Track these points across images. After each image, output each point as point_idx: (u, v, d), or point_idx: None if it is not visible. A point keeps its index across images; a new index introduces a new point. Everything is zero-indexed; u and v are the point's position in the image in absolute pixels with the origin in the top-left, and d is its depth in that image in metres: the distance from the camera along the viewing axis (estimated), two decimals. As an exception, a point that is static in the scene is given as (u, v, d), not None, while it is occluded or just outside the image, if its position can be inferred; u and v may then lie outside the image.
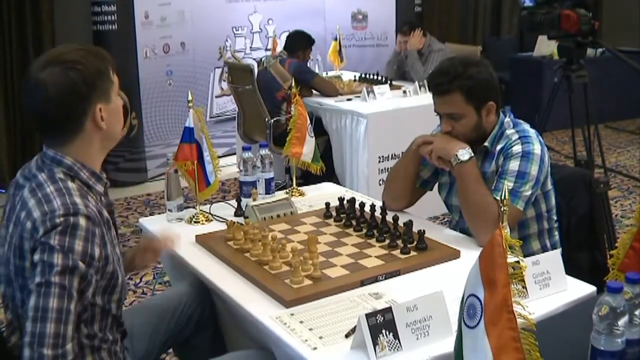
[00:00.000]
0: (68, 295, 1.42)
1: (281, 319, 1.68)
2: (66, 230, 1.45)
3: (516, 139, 2.18)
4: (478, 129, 2.20)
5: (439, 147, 2.20)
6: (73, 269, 1.44)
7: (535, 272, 1.76)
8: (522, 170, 2.12)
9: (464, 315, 1.19)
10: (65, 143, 1.59)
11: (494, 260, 1.15)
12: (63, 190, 1.51)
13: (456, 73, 2.15)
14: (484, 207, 2.06)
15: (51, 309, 1.40)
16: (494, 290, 1.14)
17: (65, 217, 1.46)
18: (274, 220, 2.34)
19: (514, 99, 7.10)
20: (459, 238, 2.20)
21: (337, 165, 4.67)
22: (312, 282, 1.84)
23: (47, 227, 1.45)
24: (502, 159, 2.18)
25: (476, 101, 2.17)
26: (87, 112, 1.58)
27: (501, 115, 2.26)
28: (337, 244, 2.11)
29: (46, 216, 1.46)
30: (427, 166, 2.39)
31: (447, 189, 2.38)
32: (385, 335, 1.49)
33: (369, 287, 1.85)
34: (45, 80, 1.53)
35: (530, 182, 2.11)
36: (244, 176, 2.56)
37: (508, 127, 2.24)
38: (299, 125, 2.65)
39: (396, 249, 2.05)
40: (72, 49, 1.58)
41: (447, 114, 2.20)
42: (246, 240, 2.07)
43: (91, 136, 1.61)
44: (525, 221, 2.25)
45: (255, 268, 1.94)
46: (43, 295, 1.41)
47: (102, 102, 1.60)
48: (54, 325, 1.39)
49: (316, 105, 4.77)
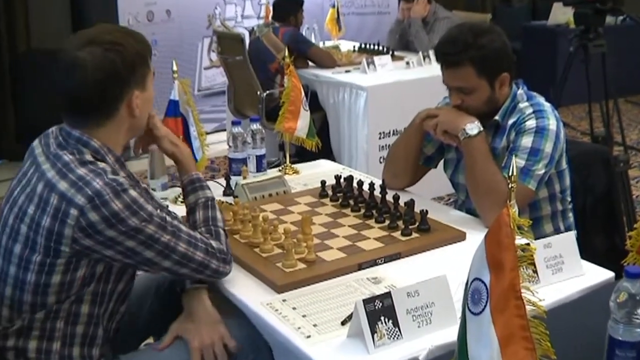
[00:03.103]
0: (175, 227, 1.64)
1: (272, 305, 1.69)
2: (129, 207, 1.54)
3: (530, 113, 2.17)
4: (490, 102, 2.19)
5: (445, 121, 2.19)
6: (160, 216, 1.61)
7: (547, 256, 1.75)
8: (536, 147, 2.10)
9: (468, 301, 1.18)
10: (95, 126, 1.64)
11: (501, 241, 1.13)
12: (98, 170, 1.57)
13: (466, 43, 2.12)
14: (492, 185, 2.05)
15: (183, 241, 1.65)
16: (501, 273, 1.13)
17: (116, 197, 1.53)
18: (266, 200, 2.34)
19: (526, 71, 7.03)
20: (464, 219, 2.20)
21: (334, 141, 4.67)
22: (305, 266, 1.84)
23: (104, 216, 1.52)
24: (514, 134, 2.17)
25: (489, 73, 2.15)
26: (123, 96, 1.64)
27: (514, 87, 2.24)
28: (333, 225, 2.12)
29: (95, 202, 1.52)
30: (431, 142, 2.38)
31: (454, 166, 2.37)
32: (384, 323, 1.49)
33: (367, 271, 1.85)
34: (84, 60, 1.57)
35: (544, 160, 2.10)
36: (233, 152, 2.56)
37: (521, 100, 2.22)
38: (293, 97, 2.65)
39: (396, 230, 2.05)
40: (111, 29, 1.65)
41: (456, 87, 2.18)
42: (235, 221, 2.07)
43: (122, 122, 1.67)
44: (537, 202, 2.24)
45: (245, 251, 1.94)
46: (170, 250, 1.62)
47: (139, 89, 1.66)
48: (196, 251, 1.67)
49: (312, 78, 4.76)
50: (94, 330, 1.67)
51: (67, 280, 1.58)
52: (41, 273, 1.57)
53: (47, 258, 1.56)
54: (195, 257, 1.68)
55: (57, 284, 1.58)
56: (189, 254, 1.67)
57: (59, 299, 1.60)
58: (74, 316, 1.63)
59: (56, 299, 1.60)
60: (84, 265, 1.58)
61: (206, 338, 1.70)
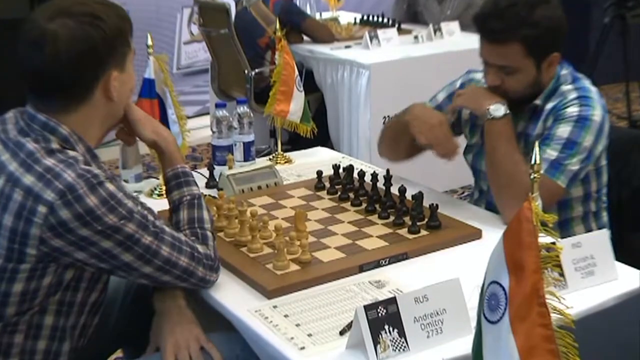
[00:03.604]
0: (158, 228, 1.64)
1: (261, 312, 1.69)
2: (106, 203, 1.54)
3: (573, 98, 2.15)
4: (534, 85, 2.17)
5: (468, 97, 2.21)
6: (141, 214, 1.62)
7: (576, 257, 1.75)
8: (573, 138, 2.09)
9: (485, 308, 1.19)
10: (65, 110, 1.63)
11: (522, 239, 1.14)
12: (69, 160, 1.56)
13: (519, 18, 2.08)
14: (514, 176, 2.05)
15: (167, 244, 1.65)
16: (522, 276, 1.14)
17: (91, 191, 1.53)
18: (254, 193, 2.34)
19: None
20: (480, 214, 2.21)
21: (332, 127, 4.68)
22: (299, 268, 1.85)
23: (78, 213, 1.51)
24: (551, 120, 2.16)
25: (539, 54, 2.12)
26: (99, 77, 1.63)
27: (557, 66, 2.22)
28: (331, 221, 2.12)
29: (66, 197, 1.51)
30: None
31: (477, 150, 2.37)
32: (389, 333, 1.49)
33: (369, 273, 1.86)
34: (55, 33, 1.55)
35: (580, 155, 2.08)
36: (217, 139, 2.57)
37: (565, 82, 2.20)
38: (285, 77, 2.64)
39: (403, 227, 2.06)
40: (88, 0, 1.62)
41: (498, 66, 2.16)
42: (220, 216, 2.07)
43: (97, 107, 1.66)
44: (568, 201, 2.23)
45: (231, 251, 1.94)
46: (152, 254, 1.62)
47: (117, 69, 1.65)
48: (181, 256, 1.68)
49: (307, 54, 4.76)
50: (58, 346, 1.66)
51: (30, 289, 1.57)
52: (1, 281, 1.56)
53: (8, 263, 1.55)
54: (179, 262, 1.68)
55: (19, 293, 1.56)
56: (172, 259, 1.67)
57: (19, 310, 1.58)
58: (36, 329, 1.62)
59: (16, 310, 1.58)
60: (52, 271, 1.57)
61: (180, 340, 1.69)
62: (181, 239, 1.70)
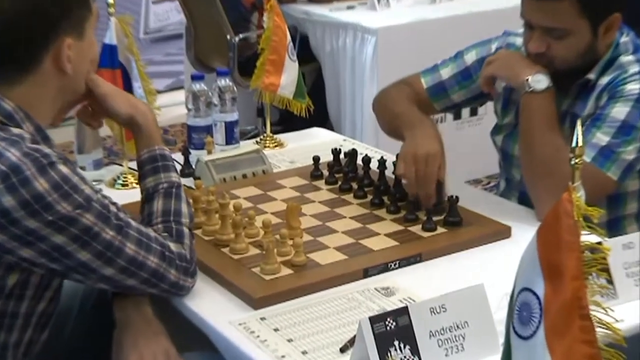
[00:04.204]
0: (122, 221, 1.63)
1: (247, 325, 1.68)
2: (59, 188, 1.51)
3: (635, 72, 2.12)
4: (587, 53, 2.14)
5: (503, 65, 2.19)
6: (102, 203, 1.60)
7: (628, 260, 1.74)
8: (631, 121, 2.07)
9: (515, 321, 1.18)
10: (7, 82, 1.63)
11: (560, 237, 1.13)
12: (13, 138, 1.55)
13: None
14: (555, 165, 2.03)
15: (132, 240, 1.64)
16: (560, 283, 1.13)
17: (40, 173, 1.51)
18: (238, 183, 2.35)
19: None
20: (509, 209, 2.21)
21: (332, 103, 4.69)
22: (292, 272, 1.85)
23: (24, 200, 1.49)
24: (605, 97, 2.13)
25: (595, 13, 2.09)
26: (49, 43, 1.62)
27: (616, 32, 2.18)
28: (330, 217, 2.13)
29: (10, 180, 1.49)
30: (466, 87, 2.41)
31: (509, 131, 2.36)
32: (399, 350, 1.48)
33: (375, 278, 1.86)
34: None
35: (638, 143, 2.07)
36: (194, 118, 2.56)
37: (625, 52, 2.18)
38: (275, 43, 2.64)
39: (416, 223, 2.06)
40: None
41: (544, 28, 2.13)
42: (197, 211, 2.08)
43: (47, 80, 1.66)
44: (620, 196, 2.22)
45: (210, 251, 1.95)
46: (114, 252, 1.61)
47: (72, 36, 1.65)
48: (149, 255, 1.66)
49: (302, 17, 4.78)
50: None
51: None
52: None
53: None
54: (147, 263, 1.67)
55: None
56: (139, 259, 1.65)
57: None
58: None
59: None
60: None
61: (145, 354, 1.67)
62: (150, 235, 1.69)
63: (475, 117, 4.63)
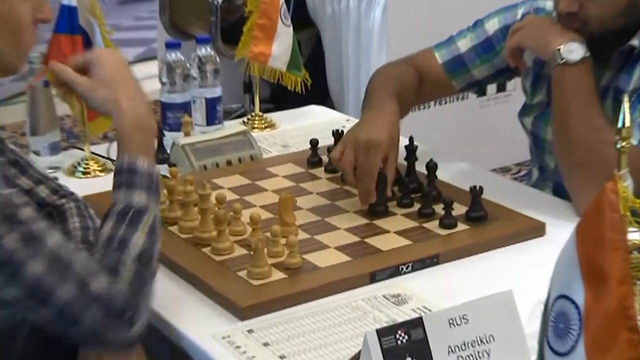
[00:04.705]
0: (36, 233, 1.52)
1: (231, 339, 1.69)
2: None
3: None
4: (628, 13, 2.13)
5: (531, 33, 2.18)
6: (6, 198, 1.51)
7: (685, 262, 1.73)
8: None
9: (550, 333, 1.18)
10: None
11: (603, 235, 1.12)
12: None
13: None
14: (595, 150, 2.04)
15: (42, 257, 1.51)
16: (603, 289, 1.12)
17: None
18: (222, 170, 2.38)
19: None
20: (543, 202, 2.23)
21: (333, 77, 4.75)
22: (285, 276, 1.86)
23: None
24: None
25: None
26: None
27: None
28: (331, 211, 2.15)
29: None
30: (489, 62, 2.42)
31: (540, 112, 2.37)
32: (412, 368, 1.49)
33: (384, 284, 1.87)
34: None
35: None
36: (168, 94, 2.59)
37: None
38: (265, 5, 2.67)
39: (433, 219, 2.08)
40: None
41: None
42: (172, 203, 2.10)
43: None
44: None
45: (189, 251, 1.97)
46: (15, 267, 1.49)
47: None
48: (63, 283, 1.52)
49: (297, -26, 4.84)
50: None
51: None
52: None
53: None
54: (56, 291, 1.53)
55: None
56: (45, 285, 1.52)
57: None
58: None
59: None
60: None
61: None
62: (73, 259, 1.55)
63: (503, 93, 4.66)
